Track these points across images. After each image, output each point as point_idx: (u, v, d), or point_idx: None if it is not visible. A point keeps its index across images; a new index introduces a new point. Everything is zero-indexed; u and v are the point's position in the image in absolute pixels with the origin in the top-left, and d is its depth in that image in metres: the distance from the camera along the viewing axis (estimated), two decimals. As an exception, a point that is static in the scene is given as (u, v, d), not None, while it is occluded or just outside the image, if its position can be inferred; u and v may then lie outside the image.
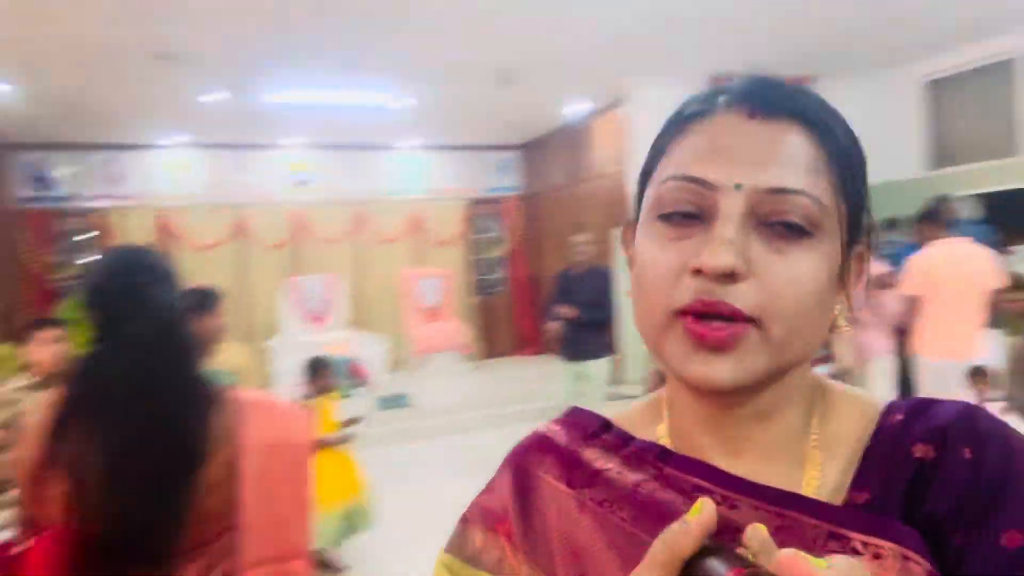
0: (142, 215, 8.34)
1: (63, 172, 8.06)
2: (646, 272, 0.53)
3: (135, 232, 8.24)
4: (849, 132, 0.54)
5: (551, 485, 0.61)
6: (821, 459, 0.56)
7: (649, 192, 0.56)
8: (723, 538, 0.44)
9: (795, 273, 0.50)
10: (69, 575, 1.28)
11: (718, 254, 0.49)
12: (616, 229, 4.71)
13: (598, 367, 4.94)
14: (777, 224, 0.50)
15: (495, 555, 0.62)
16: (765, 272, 0.50)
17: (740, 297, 0.49)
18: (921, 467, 0.52)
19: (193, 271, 8.59)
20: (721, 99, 0.54)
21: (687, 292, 0.50)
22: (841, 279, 0.54)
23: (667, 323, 0.52)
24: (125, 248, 1.51)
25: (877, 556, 0.48)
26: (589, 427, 0.64)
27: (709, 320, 0.50)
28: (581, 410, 0.66)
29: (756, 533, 0.40)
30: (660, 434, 0.61)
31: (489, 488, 0.66)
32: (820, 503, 0.53)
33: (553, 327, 4.90)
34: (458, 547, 0.65)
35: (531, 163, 10.06)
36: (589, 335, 4.85)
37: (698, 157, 0.52)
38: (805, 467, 0.56)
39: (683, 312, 0.51)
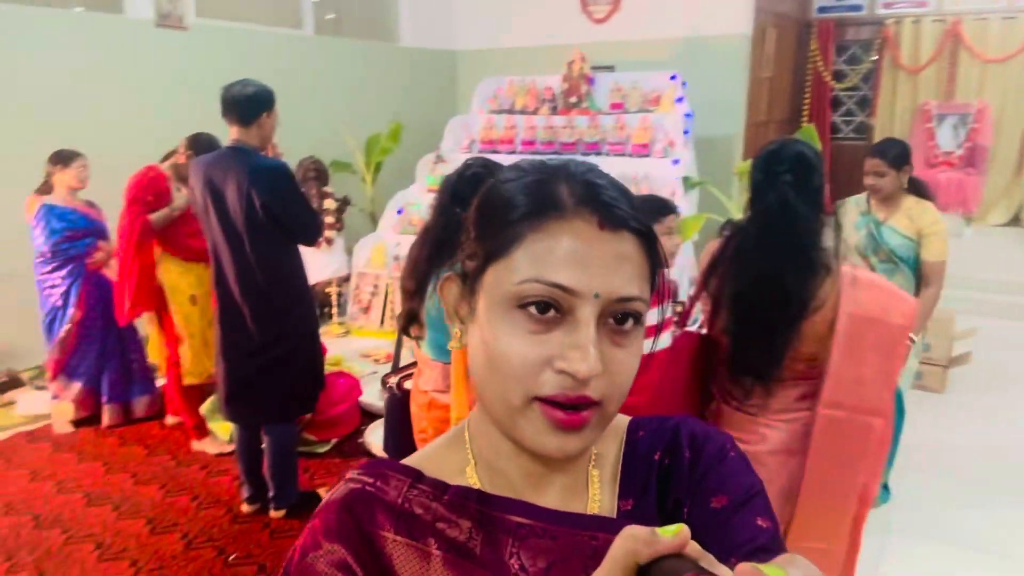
0: (932, 25, 7.82)
1: (857, -20, 8.11)
2: (506, 359, 0.58)
3: (920, 42, 7.87)
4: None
5: (392, 540, 0.63)
6: (598, 477, 0.69)
7: (503, 279, 0.60)
8: (543, 553, 0.62)
9: (629, 362, 0.60)
10: (698, 364, 1.99)
11: (587, 362, 0.56)
12: None
13: None
14: (617, 322, 0.59)
15: None
16: (611, 365, 0.59)
17: (594, 389, 0.58)
18: (661, 469, 0.69)
19: (977, 86, 7.80)
20: (571, 200, 0.60)
21: (550, 384, 0.58)
22: None
23: (524, 405, 0.59)
24: (791, 141, 1.84)
25: None
26: (404, 479, 0.66)
27: (564, 407, 0.58)
28: (386, 461, 0.68)
29: (693, 544, 0.45)
30: (469, 475, 0.67)
31: (315, 545, 0.63)
32: (614, 521, 0.66)
33: None
34: None
35: None
36: None
37: (559, 263, 0.58)
38: (590, 488, 0.68)
39: (541, 399, 0.58)
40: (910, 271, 2.81)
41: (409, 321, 2.06)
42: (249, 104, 2.73)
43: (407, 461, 0.70)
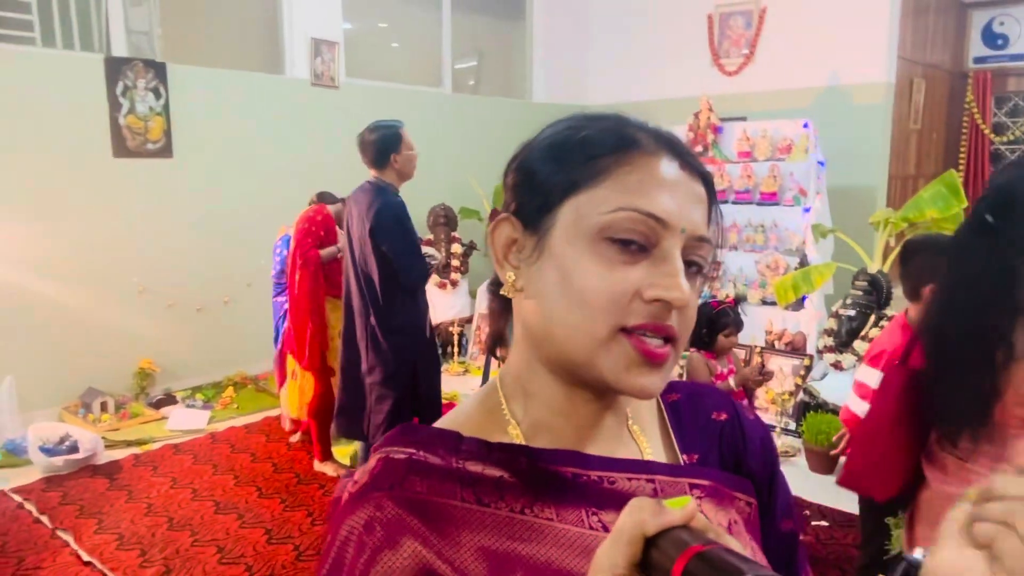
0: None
1: (1018, 29, 7.59)
2: (594, 290, 0.57)
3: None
4: None
5: (460, 508, 0.59)
6: (640, 431, 0.69)
7: (588, 210, 0.59)
8: (612, 504, 0.61)
9: (695, 302, 0.61)
10: (907, 400, 1.69)
11: (681, 291, 0.57)
12: None
13: None
14: (688, 263, 0.60)
15: None
16: (691, 300, 0.59)
17: (675, 322, 0.59)
18: (723, 427, 0.72)
19: None
20: (651, 140, 0.61)
21: (641, 314, 0.58)
22: None
23: (610, 336, 0.58)
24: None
25: (720, 498, 0.66)
26: (448, 442, 0.62)
27: (650, 339, 0.58)
28: (418, 427, 0.64)
29: (699, 516, 0.46)
30: (512, 435, 0.64)
31: (372, 533, 0.56)
32: (675, 465, 0.68)
33: None
34: None
35: None
36: None
37: (652, 194, 0.58)
38: (637, 441, 0.68)
39: (628, 329, 0.58)
40: None
41: (495, 342, 2.07)
42: (376, 151, 3.00)
43: (439, 425, 0.67)
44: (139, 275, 4.75)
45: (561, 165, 0.61)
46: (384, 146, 2.98)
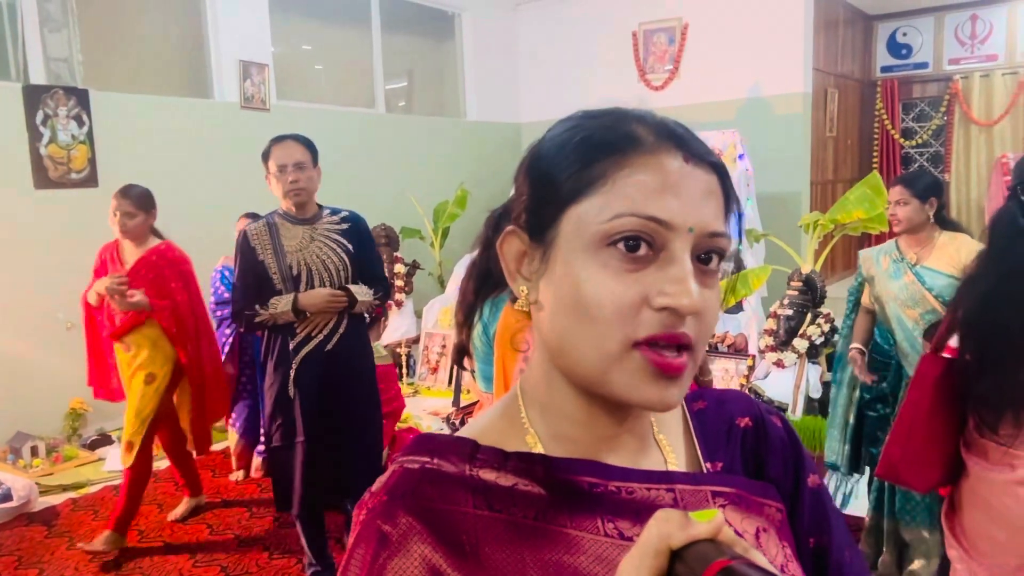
0: (1003, 78, 7.69)
1: (920, 39, 8.09)
2: (600, 302, 0.55)
3: (992, 96, 7.74)
4: None
5: (471, 515, 0.58)
6: (666, 441, 0.67)
7: (590, 218, 0.56)
8: (629, 513, 0.59)
9: (715, 302, 0.58)
10: (942, 389, 1.76)
11: (690, 296, 0.54)
12: None
13: None
14: (703, 261, 0.57)
15: None
16: (702, 305, 0.56)
17: (691, 328, 0.56)
18: (745, 434, 0.71)
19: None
20: (651, 136, 0.58)
21: (649, 324, 0.55)
22: None
23: (622, 352, 0.55)
24: None
25: (746, 505, 0.65)
26: (463, 450, 0.61)
27: (664, 350, 0.55)
28: (435, 436, 0.64)
29: (726, 530, 0.45)
30: (531, 444, 0.63)
31: (386, 546, 0.56)
32: (696, 474, 0.66)
33: None
34: None
35: None
36: None
37: (652, 196, 0.55)
38: (663, 451, 0.67)
39: (640, 342, 0.55)
40: None
41: (461, 354, 2.07)
42: None
43: (462, 432, 0.66)
44: (65, 311, 4.52)
45: (559, 172, 0.59)
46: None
